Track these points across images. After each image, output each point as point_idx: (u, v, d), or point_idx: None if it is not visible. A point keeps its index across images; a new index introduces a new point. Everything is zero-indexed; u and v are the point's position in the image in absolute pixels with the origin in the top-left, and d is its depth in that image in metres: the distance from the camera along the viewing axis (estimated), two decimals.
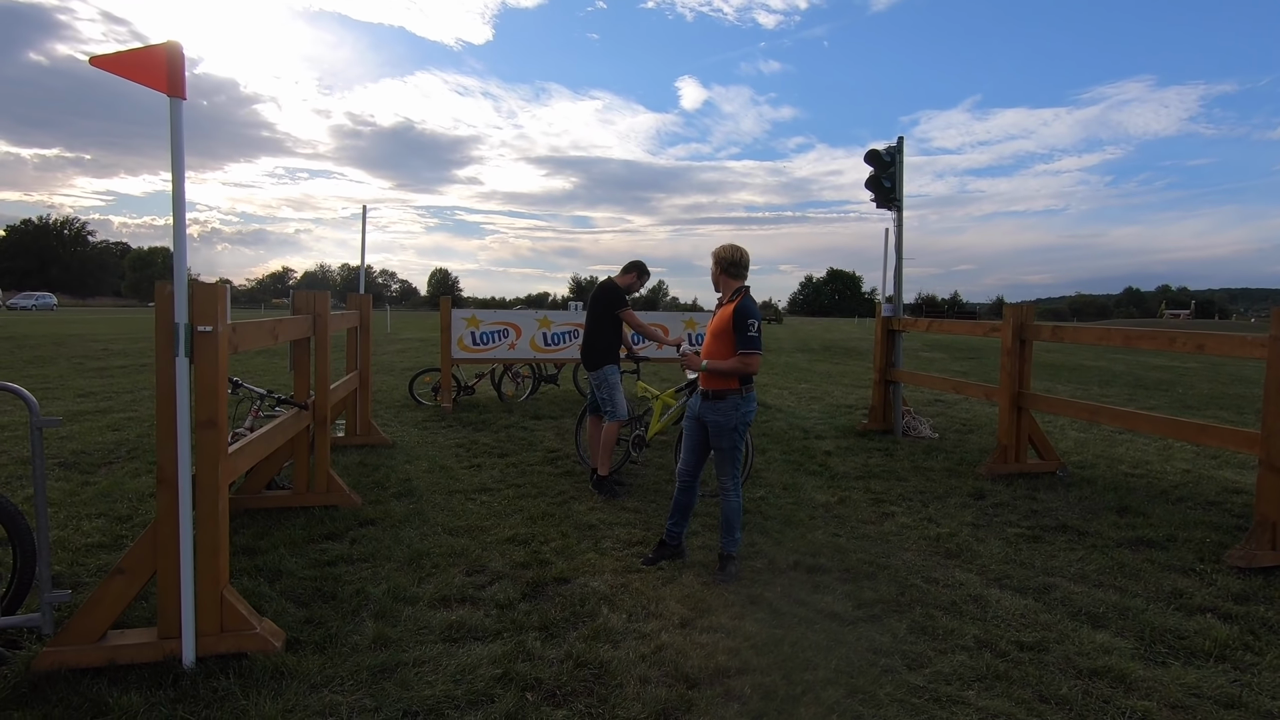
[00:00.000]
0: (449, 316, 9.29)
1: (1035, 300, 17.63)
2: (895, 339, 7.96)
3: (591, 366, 5.59)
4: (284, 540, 4.17)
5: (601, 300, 5.59)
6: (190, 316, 2.75)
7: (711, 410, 3.90)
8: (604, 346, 5.55)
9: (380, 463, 6.17)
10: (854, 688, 2.80)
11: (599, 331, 5.56)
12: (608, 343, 5.56)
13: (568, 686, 2.76)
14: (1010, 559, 4.21)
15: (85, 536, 4.15)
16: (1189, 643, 3.20)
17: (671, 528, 4.08)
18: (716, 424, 3.90)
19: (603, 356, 5.55)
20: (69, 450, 6.18)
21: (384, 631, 3.12)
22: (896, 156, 7.91)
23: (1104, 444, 7.66)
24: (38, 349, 15.89)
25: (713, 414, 3.90)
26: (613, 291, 5.63)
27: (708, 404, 3.92)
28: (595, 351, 5.56)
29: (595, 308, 5.60)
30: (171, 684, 2.68)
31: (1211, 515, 5.13)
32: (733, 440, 3.90)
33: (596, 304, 5.61)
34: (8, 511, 2.93)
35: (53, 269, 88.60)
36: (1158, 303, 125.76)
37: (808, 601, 3.57)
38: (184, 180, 2.74)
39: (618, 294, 5.63)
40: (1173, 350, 5.14)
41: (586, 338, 5.64)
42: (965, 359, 19.24)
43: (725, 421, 3.87)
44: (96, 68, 2.64)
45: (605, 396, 5.52)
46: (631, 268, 5.77)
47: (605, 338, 5.56)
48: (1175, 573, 4.04)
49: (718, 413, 3.88)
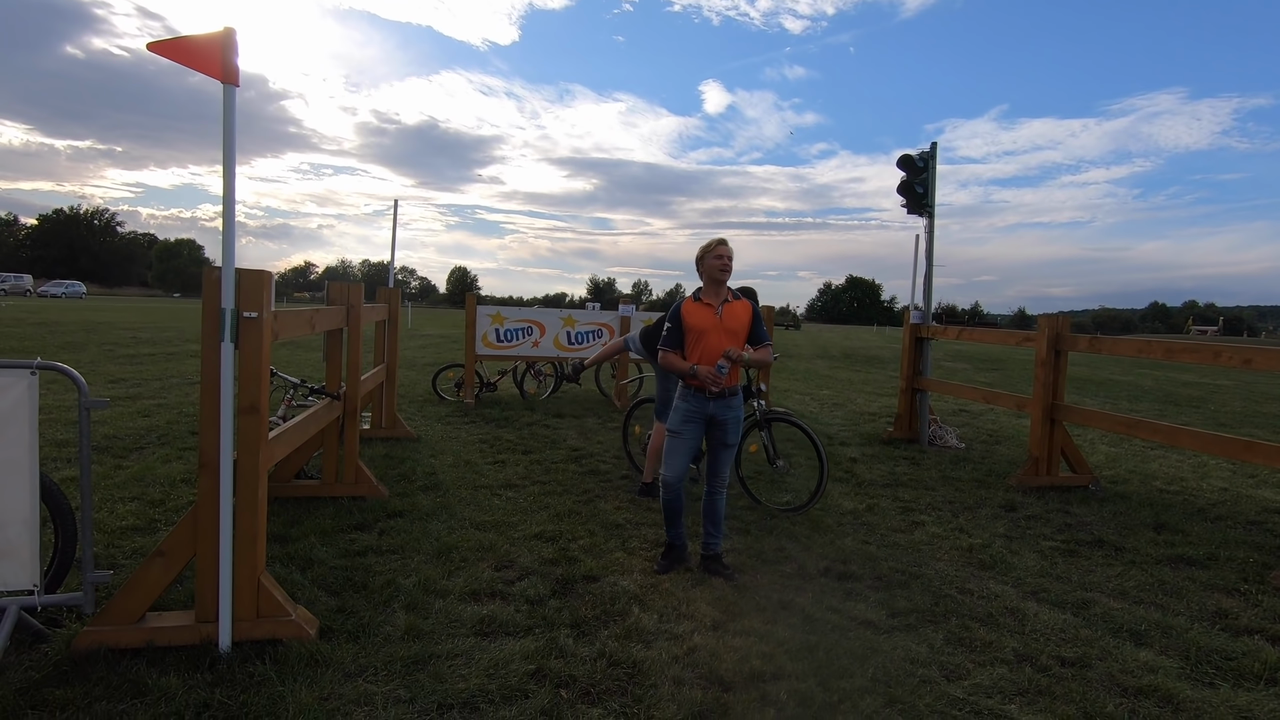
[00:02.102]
0: (474, 313, 9.33)
1: (1057, 313, 17.39)
2: (924, 347, 7.87)
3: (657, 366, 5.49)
4: (314, 529, 4.19)
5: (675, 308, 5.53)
6: (237, 302, 2.76)
7: (729, 407, 3.85)
8: None
9: (406, 456, 6.19)
10: (892, 697, 2.74)
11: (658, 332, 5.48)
12: None
13: (602, 685, 2.73)
14: (1046, 572, 4.13)
15: (120, 519, 4.19)
16: (1237, 664, 3.11)
17: (680, 533, 3.98)
18: (736, 420, 3.87)
19: None
20: (101, 435, 6.26)
21: (416, 623, 3.11)
22: (929, 162, 7.82)
23: (1136, 459, 7.50)
24: (69, 335, 16.19)
25: (732, 411, 3.86)
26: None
27: (724, 401, 3.84)
28: (648, 339, 5.49)
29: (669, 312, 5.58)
30: (208, 667, 2.69)
31: (1253, 535, 5.00)
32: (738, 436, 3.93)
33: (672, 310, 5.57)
34: (50, 491, 2.96)
35: (82, 258, 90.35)
36: (1184, 318, 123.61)
37: (840, 609, 3.52)
38: (234, 167, 2.76)
39: None
40: (1217, 364, 5.02)
41: (646, 334, 5.57)
42: (989, 370, 19.00)
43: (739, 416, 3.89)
44: (152, 52, 2.66)
45: (659, 393, 5.34)
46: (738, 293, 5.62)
47: None
48: (1218, 592, 3.93)
49: (735, 409, 3.86)
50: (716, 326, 3.83)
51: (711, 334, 3.82)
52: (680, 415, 3.85)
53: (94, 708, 2.41)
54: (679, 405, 3.88)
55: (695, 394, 3.82)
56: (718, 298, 3.90)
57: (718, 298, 3.90)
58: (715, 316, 3.85)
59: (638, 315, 9.98)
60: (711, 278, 3.90)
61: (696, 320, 3.85)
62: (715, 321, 3.84)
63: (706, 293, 3.94)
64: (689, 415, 3.83)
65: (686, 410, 3.84)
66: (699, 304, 3.91)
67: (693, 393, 3.83)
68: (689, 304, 3.93)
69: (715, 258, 3.87)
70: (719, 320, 3.84)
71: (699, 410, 3.83)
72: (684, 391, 3.88)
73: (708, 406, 3.82)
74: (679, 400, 3.89)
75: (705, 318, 3.85)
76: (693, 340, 3.84)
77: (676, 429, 3.85)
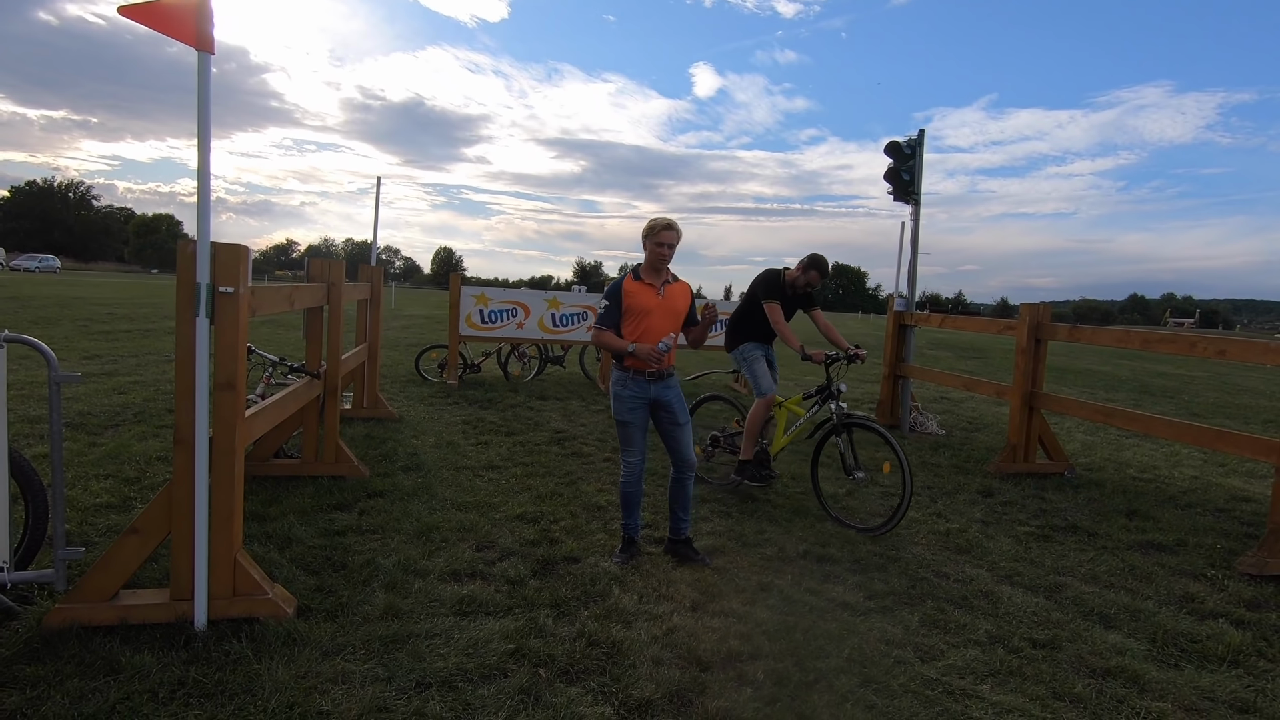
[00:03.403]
0: (458, 293, 9.25)
1: (1038, 303, 17.54)
2: (907, 334, 7.92)
3: (730, 347, 5.34)
4: (293, 508, 4.15)
5: (756, 285, 5.24)
6: (212, 277, 2.71)
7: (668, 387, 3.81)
8: (743, 328, 5.27)
9: (387, 436, 6.15)
10: (867, 677, 2.78)
11: (742, 315, 5.29)
12: (748, 325, 5.24)
13: (580, 664, 2.75)
14: (1020, 557, 4.20)
15: (94, 497, 4.13)
16: (1202, 647, 3.19)
17: (635, 525, 3.90)
18: (679, 398, 3.84)
19: (740, 336, 5.27)
20: (75, 411, 6.15)
21: (395, 602, 3.10)
22: (917, 149, 7.83)
23: (1111, 448, 7.63)
24: (42, 310, 15.85)
25: (673, 390, 3.83)
26: (770, 281, 5.18)
27: (664, 382, 3.80)
28: (733, 331, 5.32)
29: (749, 290, 5.34)
30: (183, 645, 2.67)
31: (1221, 522, 5.11)
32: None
33: (752, 287, 5.30)
34: (20, 467, 2.91)
35: (56, 231, 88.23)
36: (1162, 310, 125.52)
37: (819, 590, 3.56)
38: (209, 138, 2.69)
39: (773, 284, 5.16)
40: (1193, 355, 5.11)
41: (730, 319, 5.39)
42: (971, 358, 19.20)
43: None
44: (123, 16, 2.58)
45: (747, 374, 5.23)
46: (808, 263, 5.16)
47: (747, 321, 5.25)
48: (1186, 577, 4.02)
49: (674, 387, 3.84)
50: (660, 307, 3.74)
51: (655, 315, 3.73)
52: (625, 405, 3.75)
53: (65, 685, 2.38)
54: (621, 394, 3.76)
55: (635, 379, 3.72)
56: (659, 278, 3.79)
57: (659, 278, 3.79)
58: (658, 296, 3.75)
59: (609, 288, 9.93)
60: (650, 264, 3.78)
61: (640, 300, 3.73)
62: (659, 302, 3.74)
63: (647, 272, 3.79)
64: (634, 403, 3.74)
65: (630, 398, 3.74)
66: (640, 283, 3.76)
67: (631, 378, 3.72)
68: (630, 282, 3.77)
69: (657, 244, 3.71)
70: (661, 300, 3.76)
71: (641, 395, 3.74)
72: (623, 379, 3.75)
73: (649, 390, 3.74)
74: (619, 389, 3.76)
75: (648, 298, 3.73)
76: (634, 320, 3.73)
77: (625, 418, 3.76)
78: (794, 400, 5.19)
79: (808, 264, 5.15)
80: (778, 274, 5.25)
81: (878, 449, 5.60)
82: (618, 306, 3.75)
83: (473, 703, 2.47)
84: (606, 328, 3.76)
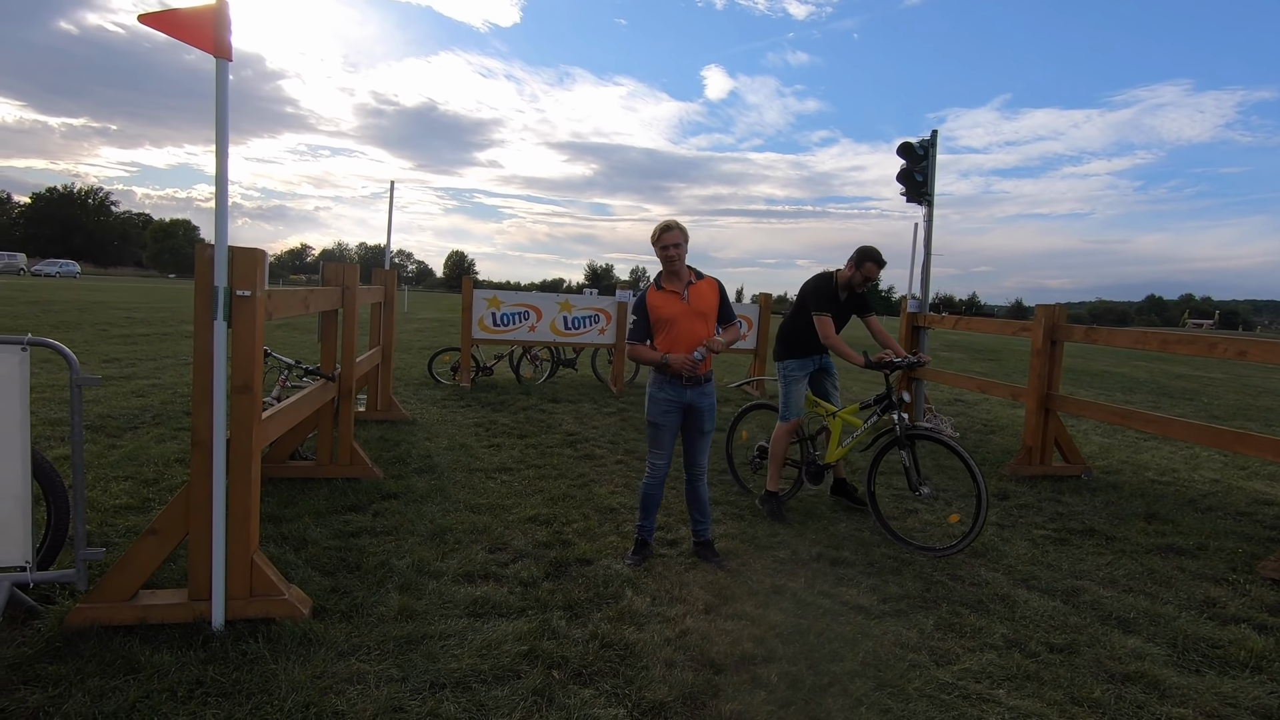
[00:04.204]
0: (470, 296, 9.30)
1: (1054, 304, 17.35)
2: (921, 335, 7.87)
3: (777, 357, 5.00)
4: (308, 510, 4.19)
5: (806, 293, 4.88)
6: (229, 280, 2.74)
7: (704, 394, 3.81)
8: (792, 340, 4.90)
9: (401, 438, 6.19)
10: (882, 681, 2.77)
11: (792, 325, 4.93)
12: (798, 337, 4.87)
13: (594, 666, 2.75)
14: (1037, 560, 4.15)
15: (113, 498, 4.19)
16: (1224, 652, 3.14)
17: (650, 527, 3.90)
18: (712, 406, 3.85)
19: (788, 349, 4.91)
20: (95, 414, 6.24)
21: (409, 604, 3.12)
22: (930, 150, 7.79)
23: (1129, 450, 7.54)
24: (63, 314, 16.09)
25: (708, 398, 3.83)
26: (820, 289, 4.79)
27: (700, 388, 3.79)
28: (781, 342, 4.97)
29: (799, 298, 5.01)
30: (201, 645, 2.69)
31: (1243, 526, 5.04)
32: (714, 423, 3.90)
33: (801, 295, 4.98)
34: (43, 469, 2.95)
35: (76, 237, 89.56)
36: (1180, 311, 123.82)
37: (832, 593, 3.54)
38: (227, 143, 2.72)
39: (825, 292, 4.77)
40: (1212, 356, 5.04)
41: (781, 327, 5.10)
42: (984, 360, 19.04)
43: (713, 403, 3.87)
44: (143, 25, 2.62)
45: (780, 391, 4.92)
46: (859, 257, 4.76)
47: (797, 332, 4.88)
48: (1207, 581, 3.96)
49: (710, 395, 3.84)
50: (685, 312, 3.73)
51: (682, 320, 3.72)
52: (659, 407, 3.76)
53: (86, 683, 2.42)
54: (656, 396, 3.77)
55: (672, 383, 3.73)
56: (680, 281, 3.79)
57: (680, 281, 3.79)
58: (682, 301, 3.74)
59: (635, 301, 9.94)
60: (665, 270, 3.78)
61: (664, 310, 3.72)
62: (683, 307, 3.73)
63: (667, 279, 3.78)
64: (667, 406, 3.76)
65: (665, 400, 3.75)
66: (662, 292, 3.76)
67: (669, 381, 3.74)
68: (653, 294, 3.78)
69: (662, 248, 3.71)
70: (687, 305, 3.74)
71: (677, 400, 3.75)
72: (659, 381, 3.76)
73: (684, 395, 3.75)
74: (655, 391, 3.77)
75: (672, 305, 3.73)
76: (663, 329, 3.73)
77: (658, 420, 3.77)
78: (850, 410, 4.85)
79: (859, 258, 4.76)
80: (829, 279, 4.86)
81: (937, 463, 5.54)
82: (645, 320, 3.77)
83: (486, 704, 2.47)
84: (638, 341, 3.81)
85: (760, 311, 10.37)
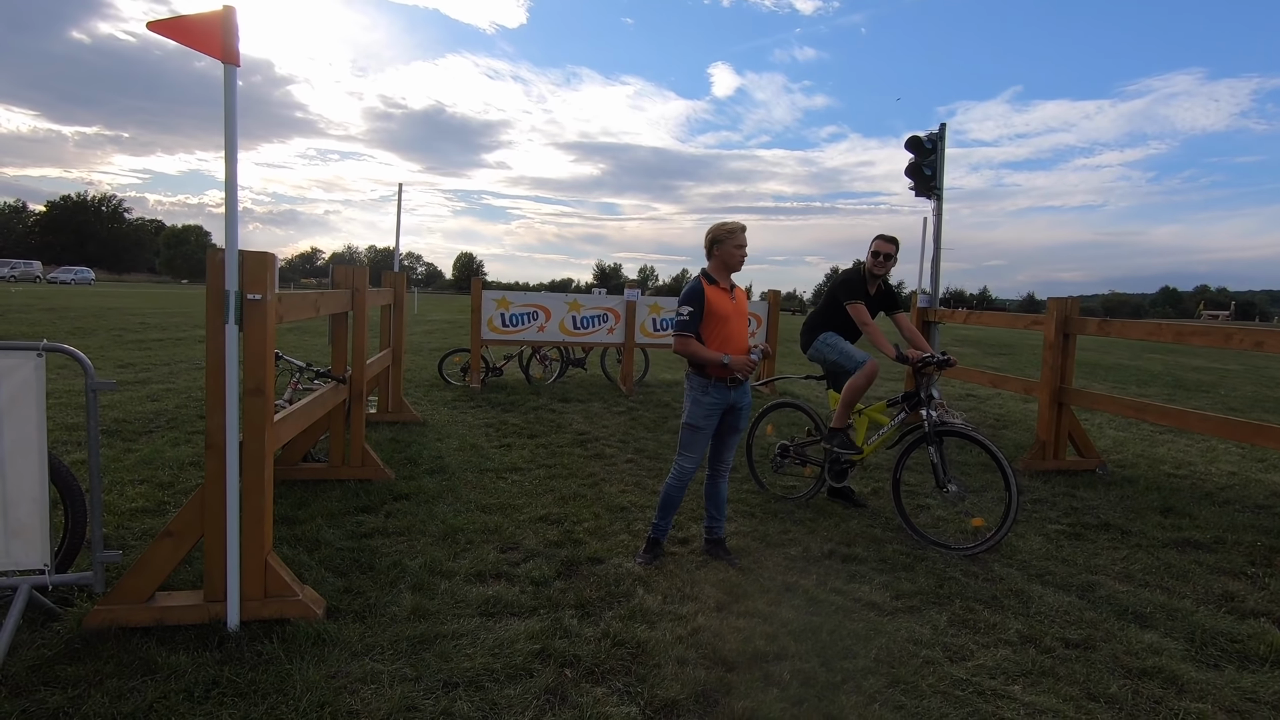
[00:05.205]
0: (480, 297, 9.33)
1: (1066, 297, 17.11)
2: (932, 330, 7.82)
3: (805, 345, 5.05)
4: (321, 511, 4.22)
5: (836, 288, 4.95)
6: (240, 284, 2.76)
7: (744, 393, 3.82)
8: (819, 326, 5.02)
9: (412, 440, 6.22)
10: (895, 677, 2.75)
11: (819, 317, 5.03)
12: (826, 325, 4.99)
13: (606, 664, 2.75)
14: (1051, 555, 4.12)
15: (130, 501, 4.23)
16: (1243, 647, 3.10)
17: (666, 527, 3.86)
18: (749, 405, 3.86)
19: (818, 332, 5.00)
20: (110, 418, 6.31)
21: (422, 603, 3.14)
22: (938, 144, 7.74)
23: (1144, 443, 7.46)
24: (78, 320, 16.29)
25: (746, 396, 3.83)
26: (850, 282, 4.86)
27: (742, 388, 3.79)
28: (809, 331, 5.05)
29: (828, 293, 5.07)
30: (217, 646, 2.72)
31: (1261, 519, 4.97)
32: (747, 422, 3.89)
33: (831, 289, 5.04)
34: (60, 473, 2.99)
35: (90, 244, 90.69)
36: (1195, 303, 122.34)
37: (844, 590, 3.52)
38: (236, 148, 2.74)
39: (855, 284, 4.83)
40: (1228, 347, 4.97)
41: (805, 322, 5.17)
42: (997, 354, 18.90)
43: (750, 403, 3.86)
44: (152, 32, 2.65)
45: (836, 359, 4.90)
46: (874, 242, 4.86)
47: (826, 322, 5.00)
48: (1225, 575, 3.92)
49: (748, 394, 3.84)
50: (735, 311, 3.73)
51: (733, 319, 3.69)
52: (703, 410, 3.68)
53: (105, 684, 2.45)
54: (701, 400, 3.67)
55: (718, 386, 3.66)
56: (728, 280, 3.79)
57: (728, 280, 3.79)
58: (732, 301, 3.73)
59: (644, 300, 9.96)
60: (729, 266, 3.73)
61: (720, 306, 3.66)
62: (734, 306, 3.73)
63: (720, 276, 3.75)
64: (711, 409, 3.68)
65: (710, 404, 3.67)
66: (716, 288, 3.70)
67: (714, 385, 3.66)
68: (710, 289, 3.68)
69: (738, 247, 3.69)
70: (735, 304, 3.75)
71: (721, 402, 3.69)
72: (705, 385, 3.66)
73: (729, 396, 3.70)
74: (700, 395, 3.68)
75: (725, 302, 3.68)
76: (714, 326, 3.65)
77: (700, 424, 3.69)
78: (876, 407, 4.84)
79: (874, 244, 4.86)
80: (858, 271, 4.89)
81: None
82: (700, 313, 3.64)
83: (499, 702, 2.48)
84: (691, 334, 3.65)
85: (770, 309, 10.34)
